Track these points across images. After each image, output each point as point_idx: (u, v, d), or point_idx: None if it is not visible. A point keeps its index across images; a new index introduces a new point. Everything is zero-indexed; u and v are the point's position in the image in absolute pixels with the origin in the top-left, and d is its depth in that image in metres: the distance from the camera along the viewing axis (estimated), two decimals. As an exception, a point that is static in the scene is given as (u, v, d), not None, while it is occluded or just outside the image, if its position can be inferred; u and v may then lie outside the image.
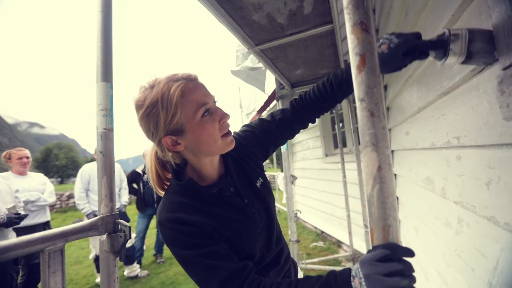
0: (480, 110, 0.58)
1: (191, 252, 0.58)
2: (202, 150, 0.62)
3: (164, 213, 0.61)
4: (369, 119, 0.41)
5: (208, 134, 0.60)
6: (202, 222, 0.60)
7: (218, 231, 0.62)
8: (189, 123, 0.59)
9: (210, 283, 0.57)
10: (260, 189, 0.75)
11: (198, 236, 0.59)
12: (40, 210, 2.52)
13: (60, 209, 10.16)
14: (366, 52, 0.42)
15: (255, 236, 0.69)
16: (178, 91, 0.57)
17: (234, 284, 0.56)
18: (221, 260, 0.58)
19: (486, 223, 0.61)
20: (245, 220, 0.68)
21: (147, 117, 0.59)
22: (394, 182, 0.39)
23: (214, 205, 0.65)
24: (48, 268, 0.53)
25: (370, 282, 0.40)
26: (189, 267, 0.59)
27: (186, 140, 0.61)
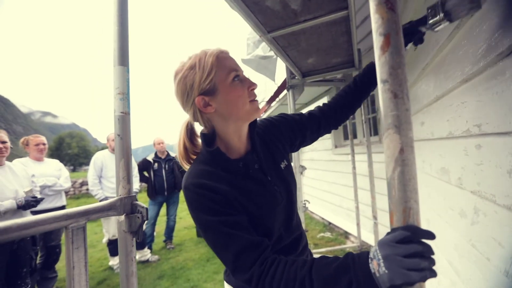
0: (506, 95, 0.56)
1: (213, 219, 0.60)
2: (232, 112, 0.65)
3: (190, 179, 0.63)
4: (392, 100, 0.40)
5: (238, 96, 0.64)
6: (227, 191, 0.62)
7: (241, 203, 0.64)
8: (221, 84, 0.63)
9: (226, 252, 0.59)
10: (284, 170, 0.77)
11: (221, 204, 0.61)
12: (57, 195, 2.62)
13: (73, 195, 10.52)
14: (391, 31, 0.41)
15: (275, 214, 0.70)
16: (214, 55, 0.63)
17: (249, 257, 0.58)
18: (240, 231, 0.59)
19: (506, 212, 0.59)
20: (267, 195, 0.69)
21: (185, 78, 0.64)
22: (416, 159, 0.39)
23: (239, 177, 0.68)
24: (71, 244, 0.55)
25: (389, 263, 0.40)
26: (209, 233, 0.61)
27: (217, 101, 0.64)
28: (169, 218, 3.79)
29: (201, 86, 0.63)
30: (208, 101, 0.64)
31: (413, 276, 0.37)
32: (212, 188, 0.62)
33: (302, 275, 0.52)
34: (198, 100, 0.64)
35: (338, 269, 0.49)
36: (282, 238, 0.72)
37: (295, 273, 0.53)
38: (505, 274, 0.60)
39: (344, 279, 0.48)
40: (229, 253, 0.59)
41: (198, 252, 3.53)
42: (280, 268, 0.55)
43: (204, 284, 2.61)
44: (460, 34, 0.78)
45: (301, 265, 0.54)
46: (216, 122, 0.68)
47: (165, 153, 3.75)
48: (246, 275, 0.57)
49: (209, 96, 0.64)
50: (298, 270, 0.53)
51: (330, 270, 0.50)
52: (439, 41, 0.93)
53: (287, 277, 0.53)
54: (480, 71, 0.67)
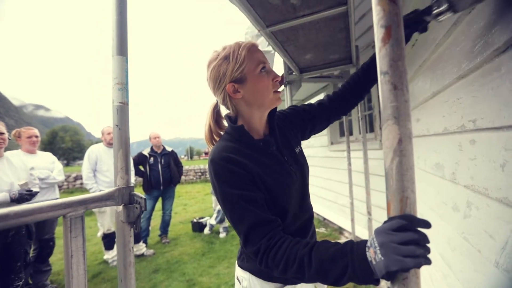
0: (501, 91, 0.57)
1: (233, 191, 0.65)
2: (257, 99, 0.73)
3: (218, 153, 0.69)
4: (392, 92, 0.40)
5: (263, 86, 0.72)
6: (250, 166, 0.68)
7: (262, 178, 0.70)
8: (250, 74, 0.71)
9: (240, 224, 0.64)
10: (298, 154, 0.84)
11: (243, 179, 0.66)
12: (50, 188, 2.59)
13: (67, 189, 10.41)
14: (392, 24, 0.41)
15: (291, 193, 0.75)
16: (246, 48, 0.71)
17: (260, 231, 0.62)
18: (255, 208, 0.64)
19: (498, 205, 0.61)
20: (284, 174, 0.75)
21: (219, 66, 0.71)
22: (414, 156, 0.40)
23: (260, 154, 0.74)
24: (70, 232, 0.55)
25: (385, 250, 0.41)
26: (227, 204, 0.66)
27: (245, 89, 0.72)
28: (165, 212, 3.79)
29: (232, 75, 0.71)
30: (237, 88, 0.72)
31: (408, 263, 0.38)
32: (237, 162, 0.67)
33: (302, 254, 0.55)
34: (228, 87, 0.72)
35: (336, 253, 0.51)
36: (297, 217, 0.78)
37: (296, 252, 0.56)
38: (495, 265, 0.62)
39: (340, 263, 0.50)
40: (243, 226, 0.64)
41: (193, 246, 3.55)
42: (284, 246, 0.59)
43: (199, 278, 2.62)
44: (457, 31, 0.79)
45: (303, 245, 0.57)
46: (242, 107, 0.76)
47: (161, 147, 3.73)
48: (254, 248, 0.62)
49: (238, 84, 0.72)
50: (299, 250, 0.56)
51: (329, 253, 0.52)
52: (437, 38, 0.94)
53: (288, 254, 0.57)
54: (476, 67, 0.68)
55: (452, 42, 0.83)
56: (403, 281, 0.39)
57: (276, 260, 0.58)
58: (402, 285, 0.40)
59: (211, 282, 2.53)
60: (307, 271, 0.54)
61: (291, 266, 0.56)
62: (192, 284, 2.51)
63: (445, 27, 0.85)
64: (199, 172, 12.74)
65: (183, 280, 2.60)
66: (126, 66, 0.74)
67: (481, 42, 0.64)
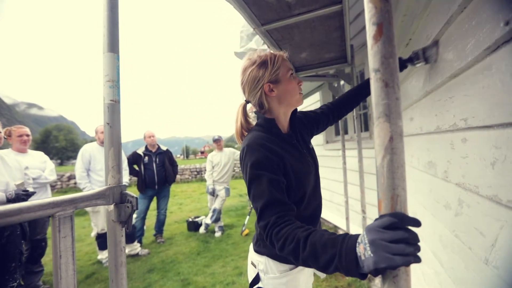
0: (492, 89, 0.57)
1: (262, 173, 0.75)
2: (286, 98, 0.88)
3: (253, 139, 0.81)
4: (383, 89, 0.40)
5: (292, 87, 0.88)
6: (280, 153, 0.80)
7: (290, 162, 0.81)
8: (283, 77, 0.87)
9: (260, 199, 0.73)
10: (311, 149, 1.00)
11: (273, 163, 0.77)
12: (41, 188, 2.55)
13: (60, 189, 10.28)
14: (384, 21, 0.41)
15: (309, 179, 0.88)
16: (281, 57, 0.88)
17: (273, 209, 0.71)
18: (276, 190, 0.74)
19: (488, 202, 0.62)
20: (304, 163, 0.88)
21: (259, 68, 0.86)
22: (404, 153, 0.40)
23: (286, 144, 0.88)
24: (58, 232, 0.54)
25: (375, 247, 0.41)
26: (254, 182, 0.76)
27: (279, 89, 0.87)
28: (160, 212, 3.76)
29: (270, 77, 0.85)
30: (272, 88, 0.86)
31: (397, 261, 0.38)
32: (270, 149, 0.79)
33: (300, 237, 0.60)
34: (266, 86, 0.86)
35: (329, 241, 0.55)
36: (311, 202, 0.90)
37: (296, 234, 0.62)
38: (485, 262, 0.63)
39: (330, 251, 0.53)
40: (261, 201, 0.73)
41: (188, 245, 3.53)
42: (288, 226, 0.66)
43: (194, 277, 2.61)
44: (450, 30, 0.79)
45: (304, 229, 0.62)
46: (274, 104, 0.90)
47: (155, 146, 3.70)
48: (265, 222, 0.71)
49: (274, 84, 0.86)
50: (299, 232, 0.62)
51: (322, 240, 0.56)
52: (430, 37, 0.94)
53: (289, 233, 0.63)
54: (468, 66, 0.69)
55: (445, 41, 0.84)
56: (394, 279, 0.40)
57: (278, 237, 0.65)
58: (392, 283, 0.40)
59: (206, 281, 2.52)
60: (301, 253, 0.59)
61: (288, 244, 0.62)
62: (186, 284, 2.50)
63: (438, 26, 0.86)
64: (194, 171, 12.69)
65: (178, 279, 2.59)
66: (117, 63, 0.73)
67: (472, 41, 0.64)
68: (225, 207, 5.62)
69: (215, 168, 3.96)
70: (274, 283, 0.88)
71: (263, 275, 0.90)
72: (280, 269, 0.88)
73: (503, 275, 0.56)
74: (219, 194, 3.93)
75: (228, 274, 2.62)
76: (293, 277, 0.88)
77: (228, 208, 5.68)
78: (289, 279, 0.87)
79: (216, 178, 3.93)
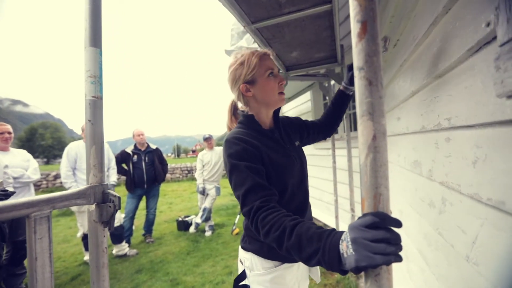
0: (474, 89, 0.58)
1: (240, 163, 0.76)
2: (264, 99, 0.89)
3: (231, 134, 0.84)
4: (367, 88, 0.40)
5: (270, 88, 0.88)
6: (257, 145, 0.82)
7: (267, 154, 0.83)
8: (260, 77, 0.87)
9: (240, 188, 0.74)
10: (297, 147, 1.00)
11: (250, 154, 0.79)
12: (24, 187, 2.47)
13: (46, 189, 9.99)
14: (368, 19, 0.41)
15: (291, 173, 0.88)
16: (258, 56, 0.87)
17: (256, 193, 0.71)
18: (256, 176, 0.75)
19: (469, 200, 0.63)
20: (285, 156, 0.89)
21: (236, 70, 0.88)
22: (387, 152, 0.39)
23: (265, 138, 0.90)
24: (34, 233, 0.52)
25: (356, 245, 0.42)
26: (234, 173, 0.77)
27: (255, 89, 0.88)
28: (149, 211, 3.71)
29: (245, 78, 0.87)
30: (249, 88, 0.88)
31: (377, 259, 0.39)
32: (246, 141, 0.81)
33: (287, 225, 0.60)
34: (242, 87, 0.88)
35: (314, 235, 0.55)
36: (295, 196, 0.89)
37: (282, 222, 0.62)
38: (466, 258, 0.64)
39: (314, 245, 0.54)
40: (242, 189, 0.73)
41: (178, 245, 3.49)
42: (275, 213, 0.65)
43: (183, 277, 2.59)
44: (435, 31, 0.80)
45: (291, 218, 0.62)
46: (252, 104, 0.91)
47: (145, 145, 3.64)
48: (248, 207, 0.70)
49: (250, 85, 0.88)
50: (286, 221, 0.61)
51: (309, 233, 0.56)
52: (416, 38, 0.96)
53: (275, 220, 0.63)
54: (452, 67, 0.70)
55: (430, 42, 0.85)
56: (375, 277, 0.40)
57: (264, 222, 0.65)
58: (374, 281, 0.40)
59: (195, 281, 2.50)
60: (286, 241, 0.59)
61: (273, 232, 0.62)
62: (175, 284, 2.47)
63: (424, 27, 0.87)
64: (185, 170, 12.57)
65: (167, 279, 2.56)
66: (99, 58, 0.71)
67: (456, 42, 0.65)
68: (216, 206, 5.59)
69: (205, 167, 3.93)
70: (258, 280, 0.87)
71: (249, 272, 0.89)
72: (265, 266, 0.87)
73: (482, 272, 0.57)
74: (209, 193, 3.90)
75: (218, 274, 2.60)
76: (279, 274, 0.87)
77: (218, 207, 5.65)
78: (274, 276, 0.86)
79: (207, 177, 3.91)
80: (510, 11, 0.42)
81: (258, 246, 0.87)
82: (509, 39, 0.42)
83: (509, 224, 0.47)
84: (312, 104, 4.06)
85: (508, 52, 0.43)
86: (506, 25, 0.43)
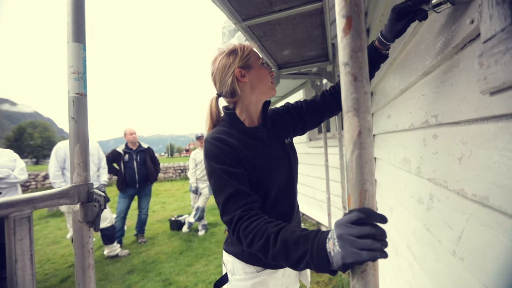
0: (459, 86, 0.59)
1: (218, 166, 0.73)
2: (258, 85, 0.86)
3: (211, 134, 0.81)
4: (352, 83, 0.40)
5: (264, 74, 0.87)
6: (236, 146, 0.77)
7: (247, 157, 0.78)
8: (254, 64, 0.86)
9: (220, 194, 0.71)
10: (287, 145, 0.94)
11: (229, 156, 0.75)
12: (11, 188, 2.40)
13: (35, 189, 9.77)
14: (353, 14, 0.40)
15: (276, 176, 0.82)
16: (249, 47, 0.87)
17: (237, 202, 0.68)
18: (236, 181, 0.71)
19: (455, 196, 0.64)
20: (270, 157, 0.84)
21: (228, 57, 0.84)
22: (373, 147, 0.39)
23: (249, 137, 0.84)
24: (14, 235, 0.50)
25: (342, 242, 0.42)
26: (212, 177, 0.74)
27: (250, 75, 0.85)
28: (141, 211, 3.67)
29: (241, 62, 0.83)
30: (244, 73, 0.84)
31: (363, 255, 0.39)
32: (225, 141, 0.77)
33: (270, 232, 0.59)
34: (237, 71, 0.83)
35: (300, 238, 0.54)
36: (279, 202, 0.84)
37: (266, 229, 0.60)
38: (452, 253, 0.65)
39: (301, 248, 0.52)
40: (222, 196, 0.70)
41: (171, 245, 3.47)
42: (257, 221, 0.63)
43: (176, 277, 2.57)
44: (423, 29, 0.81)
45: (274, 224, 0.61)
46: (245, 90, 0.86)
47: (136, 144, 3.59)
48: (229, 216, 0.68)
49: (245, 70, 0.84)
50: (269, 228, 0.60)
51: (294, 236, 0.55)
52: (405, 36, 0.96)
53: (258, 229, 0.61)
54: (438, 64, 0.70)
55: (418, 40, 0.86)
56: (362, 274, 0.39)
57: (246, 232, 0.63)
58: (360, 278, 0.40)
59: (188, 281, 2.48)
60: (271, 249, 0.57)
61: (257, 241, 0.60)
62: (168, 284, 2.45)
63: (412, 24, 0.87)
64: (178, 170, 12.47)
65: (159, 280, 2.54)
66: (83, 54, 0.69)
67: (442, 39, 0.66)
68: (209, 205, 5.57)
69: (198, 166, 3.90)
70: (239, 285, 0.83)
71: (231, 275, 0.86)
72: (246, 271, 0.83)
73: (468, 266, 0.58)
74: (202, 192, 3.88)
75: (211, 273, 2.59)
76: (261, 280, 0.82)
77: (212, 206, 5.63)
78: (255, 282, 0.82)
79: (200, 176, 3.88)
80: (493, 8, 0.42)
81: (240, 249, 0.83)
82: (492, 35, 0.43)
83: (493, 219, 0.48)
84: (305, 103, 4.07)
85: (491, 49, 0.43)
86: (489, 22, 0.43)
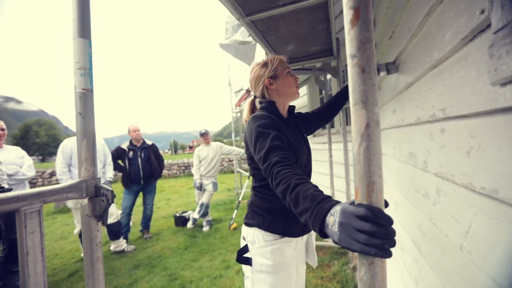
0: (468, 79, 0.58)
1: (265, 130, 0.90)
2: (284, 91, 1.10)
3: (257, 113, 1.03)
4: (360, 75, 0.40)
5: (289, 82, 1.10)
6: (278, 124, 0.99)
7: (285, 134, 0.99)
8: (281, 74, 1.10)
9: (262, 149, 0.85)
10: (305, 137, 1.19)
11: (273, 124, 0.95)
12: (19, 184, 2.44)
13: (42, 186, 9.93)
14: (361, 5, 0.40)
15: (302, 153, 1.05)
16: (279, 59, 1.11)
17: (275, 153, 0.81)
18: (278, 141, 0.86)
19: (463, 190, 0.63)
20: (297, 138, 1.07)
21: (260, 69, 1.10)
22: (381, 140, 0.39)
23: (283, 123, 1.06)
24: (24, 228, 0.51)
25: (342, 228, 0.44)
26: (260, 138, 0.89)
27: (277, 83, 1.09)
28: (146, 207, 3.70)
29: (269, 73, 1.08)
30: (272, 82, 1.09)
31: (355, 247, 0.41)
32: (271, 118, 0.98)
33: (291, 182, 0.68)
34: (267, 81, 1.09)
35: (309, 196, 0.61)
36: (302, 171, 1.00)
37: (290, 179, 0.70)
38: (459, 248, 0.65)
39: (307, 204, 0.60)
40: (264, 149, 0.84)
41: (176, 241, 3.50)
42: (288, 169, 0.74)
43: (181, 272, 2.60)
44: (430, 21, 0.79)
45: (298, 178, 0.70)
46: (274, 96, 1.11)
47: (140, 141, 3.62)
48: (267, 162, 0.80)
49: (273, 79, 1.09)
50: (293, 179, 0.69)
51: (306, 193, 0.62)
52: (412, 29, 0.95)
53: (286, 176, 0.71)
54: (446, 57, 0.69)
55: (425, 32, 0.84)
56: (369, 266, 0.40)
57: (277, 175, 0.74)
58: (368, 270, 0.40)
59: (193, 275, 2.51)
60: (288, 196, 0.67)
61: (281, 185, 0.71)
62: (173, 279, 2.48)
63: (419, 16, 0.86)
64: (182, 166, 12.54)
65: (165, 274, 2.57)
66: (89, 49, 0.69)
67: (450, 31, 0.65)
68: (213, 202, 5.60)
69: (202, 163, 3.92)
70: (260, 252, 0.97)
71: (251, 245, 1.00)
72: (266, 239, 0.98)
73: (476, 260, 0.57)
74: (206, 188, 3.90)
75: (216, 268, 2.62)
76: (279, 246, 0.97)
77: (216, 202, 5.66)
78: (274, 248, 0.96)
79: (204, 172, 3.90)
80: (505, -3, 0.41)
81: (260, 220, 1.00)
82: (504, 25, 0.42)
83: (502, 212, 0.47)
84: (308, 99, 4.05)
85: (502, 39, 0.42)
86: (501, 11, 0.42)
